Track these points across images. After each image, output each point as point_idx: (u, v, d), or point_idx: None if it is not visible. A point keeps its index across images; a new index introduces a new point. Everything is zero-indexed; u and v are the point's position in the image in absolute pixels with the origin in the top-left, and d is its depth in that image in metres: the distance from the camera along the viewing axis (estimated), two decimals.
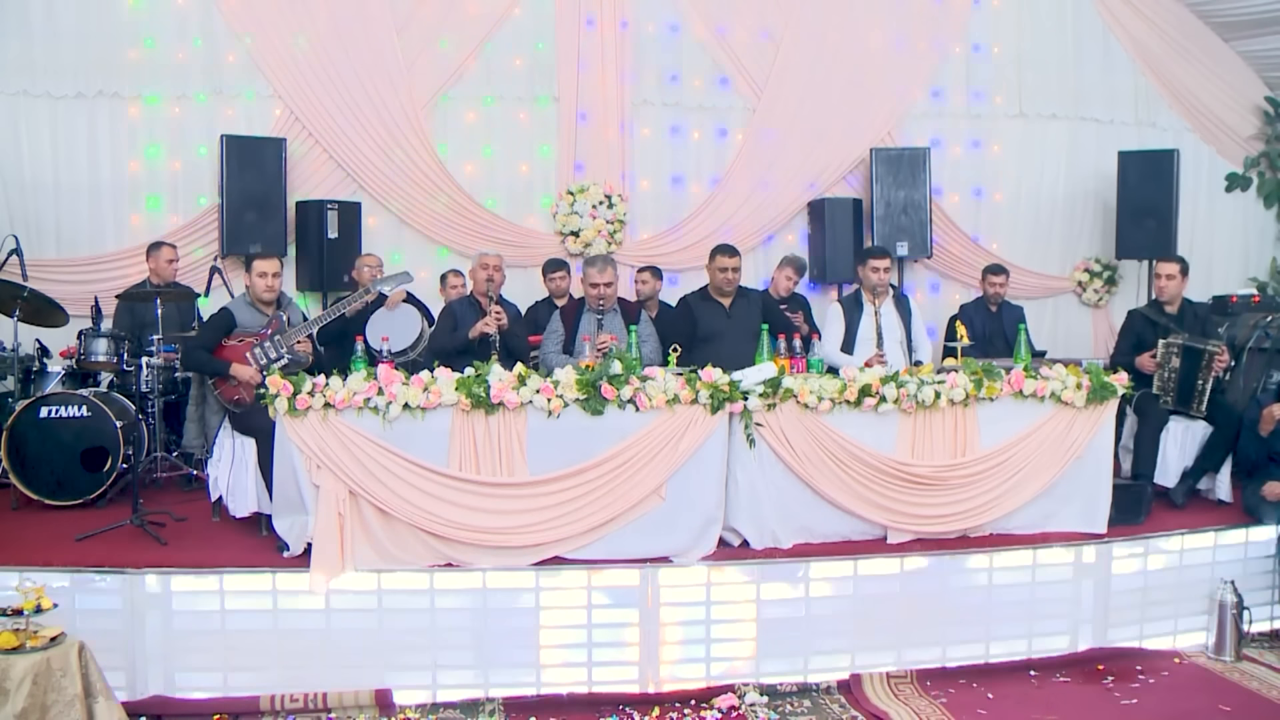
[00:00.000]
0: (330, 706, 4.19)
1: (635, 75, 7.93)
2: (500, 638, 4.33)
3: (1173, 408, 5.57)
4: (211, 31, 7.35)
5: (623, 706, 4.26)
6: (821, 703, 4.37)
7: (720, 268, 5.84)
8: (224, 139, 7.10)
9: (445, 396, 4.27)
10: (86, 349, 5.91)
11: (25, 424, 5.37)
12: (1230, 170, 8.81)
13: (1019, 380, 4.80)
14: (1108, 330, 8.33)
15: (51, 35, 7.11)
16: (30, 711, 3.44)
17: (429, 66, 7.62)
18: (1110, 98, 8.55)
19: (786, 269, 7.30)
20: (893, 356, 5.62)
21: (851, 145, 8.15)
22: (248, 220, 7.10)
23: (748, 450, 4.58)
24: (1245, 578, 4.96)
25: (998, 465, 4.78)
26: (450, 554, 4.33)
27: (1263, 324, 6.76)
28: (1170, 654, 4.85)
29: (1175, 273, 5.78)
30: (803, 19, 8.06)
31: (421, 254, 7.66)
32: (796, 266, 7.38)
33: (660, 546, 4.47)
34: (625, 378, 4.40)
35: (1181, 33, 8.58)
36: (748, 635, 4.47)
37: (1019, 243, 8.47)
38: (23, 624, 3.62)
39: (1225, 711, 4.25)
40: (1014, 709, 4.27)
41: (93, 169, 7.24)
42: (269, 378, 4.28)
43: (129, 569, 4.23)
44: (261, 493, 4.79)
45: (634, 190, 7.99)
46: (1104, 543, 4.83)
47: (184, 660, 4.20)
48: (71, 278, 7.03)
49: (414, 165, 7.58)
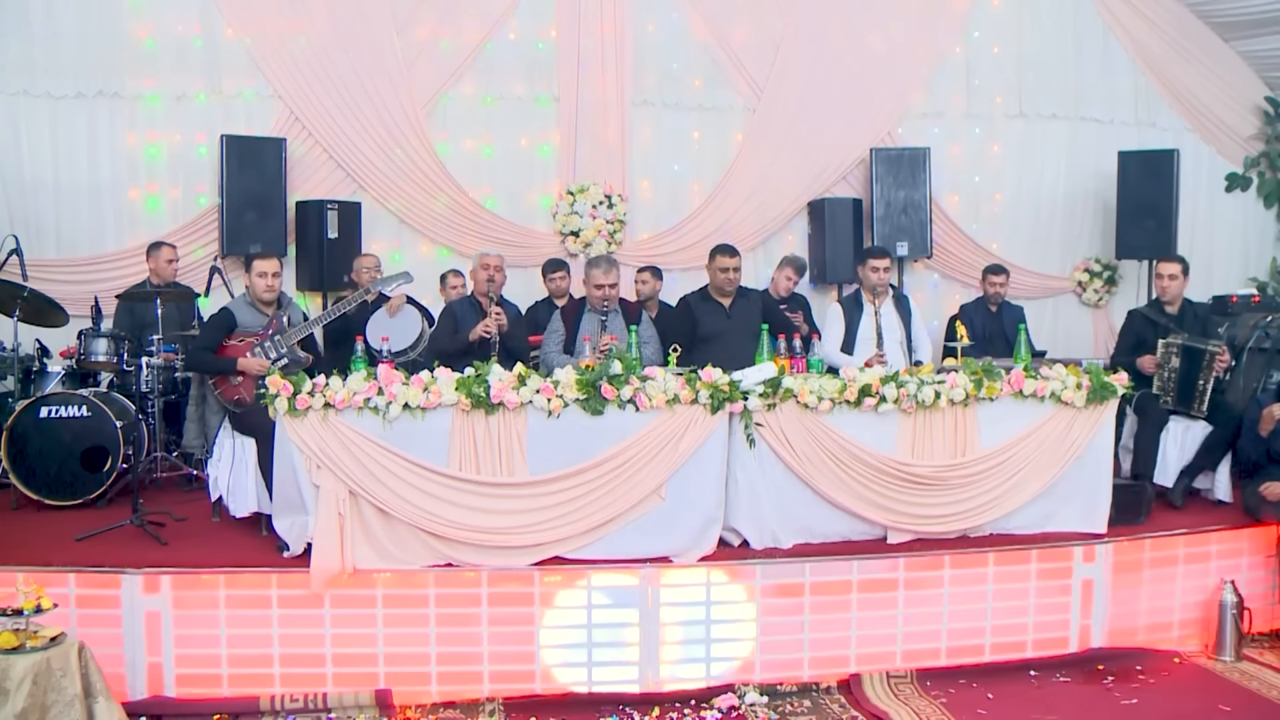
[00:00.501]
0: (330, 706, 4.19)
1: (635, 75, 7.92)
2: (500, 638, 4.32)
3: (1173, 408, 5.57)
4: (211, 32, 7.36)
5: (623, 706, 4.26)
6: (821, 703, 4.37)
7: (720, 267, 5.84)
8: (224, 139, 7.10)
9: (445, 396, 4.27)
10: (86, 349, 5.91)
11: (25, 424, 5.37)
12: (1230, 170, 8.82)
13: (1019, 380, 4.80)
14: (1108, 330, 8.34)
15: (51, 35, 7.11)
16: (30, 711, 3.44)
17: (429, 66, 7.63)
18: (1110, 98, 8.55)
19: (786, 269, 7.30)
20: (892, 357, 5.62)
21: (851, 145, 8.15)
22: (248, 220, 7.11)
23: (748, 450, 4.57)
24: (1245, 578, 4.95)
25: (998, 465, 4.78)
26: (450, 554, 4.32)
27: (1263, 324, 6.76)
28: (1170, 654, 4.84)
29: (1177, 272, 5.78)
30: (803, 19, 8.06)
31: (421, 254, 7.66)
32: (796, 266, 7.38)
33: (660, 546, 4.47)
34: (625, 378, 4.40)
35: (1181, 33, 8.58)
36: (748, 635, 4.47)
37: (1019, 243, 8.47)
38: (23, 624, 3.62)
39: (1225, 711, 4.24)
40: (1014, 709, 4.26)
41: (93, 169, 7.24)
42: (269, 378, 4.29)
43: (129, 569, 4.23)
44: (261, 493, 4.79)
45: (634, 190, 7.99)
46: (1104, 543, 4.83)
47: (184, 660, 4.19)
48: (71, 278, 7.03)
49: (414, 165, 7.59)
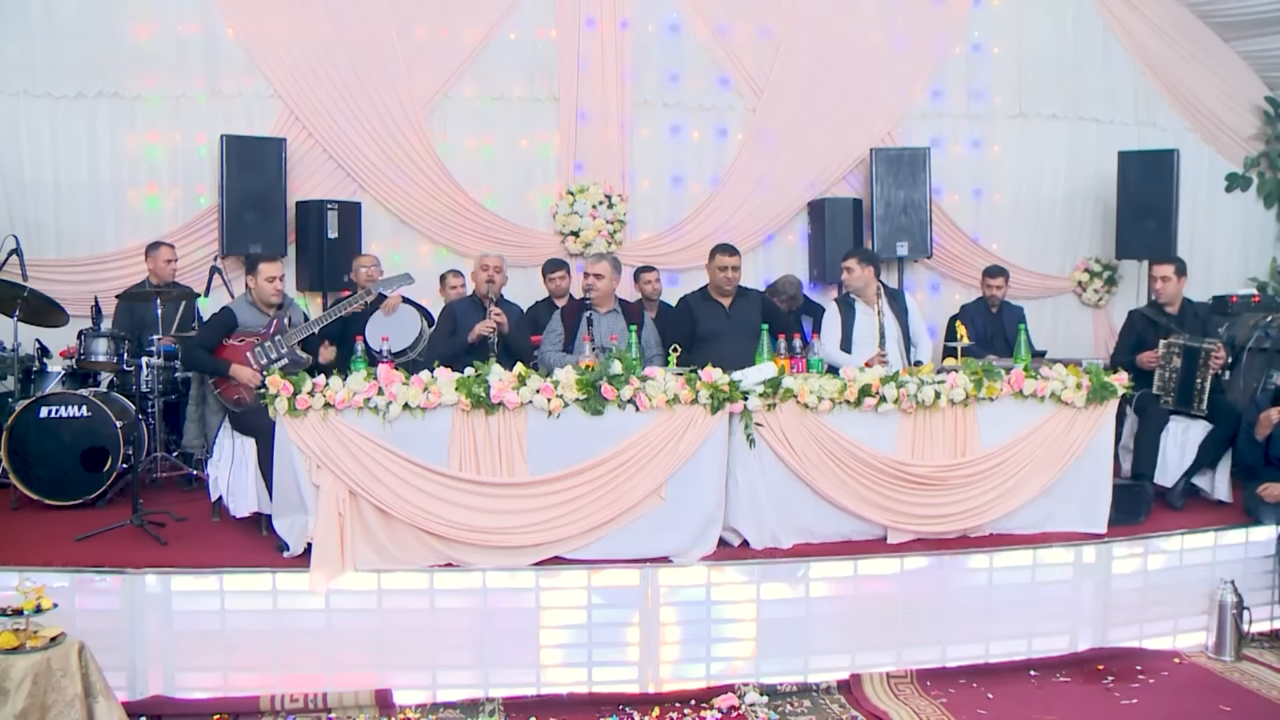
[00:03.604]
0: (330, 706, 4.19)
1: (635, 75, 7.93)
2: (500, 638, 4.33)
3: (1173, 407, 5.57)
4: (211, 32, 7.35)
5: (623, 706, 4.26)
6: (821, 703, 4.37)
7: (720, 266, 5.84)
8: (224, 139, 7.10)
9: (445, 396, 4.27)
10: (86, 349, 5.91)
11: (25, 424, 5.37)
12: (1230, 170, 8.81)
13: (1019, 380, 4.80)
14: (1108, 330, 8.34)
15: (51, 35, 7.11)
16: (30, 711, 3.44)
17: (429, 66, 7.62)
18: (1110, 98, 8.55)
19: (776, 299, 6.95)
20: (890, 355, 5.62)
21: (851, 145, 8.15)
22: (248, 220, 7.11)
23: (748, 450, 4.58)
24: (1245, 578, 4.95)
25: (998, 465, 4.78)
26: (450, 554, 4.32)
27: (1263, 324, 6.76)
28: (1170, 654, 4.85)
29: (1170, 274, 5.77)
30: (803, 19, 8.06)
31: (421, 254, 7.66)
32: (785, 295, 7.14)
33: (660, 546, 4.47)
34: (625, 378, 4.40)
35: (1181, 33, 8.58)
36: (748, 635, 4.47)
37: (1019, 243, 8.47)
38: (23, 624, 3.62)
39: (1225, 711, 4.24)
40: (1014, 709, 4.27)
41: (93, 169, 7.24)
42: (269, 378, 4.29)
43: (129, 569, 4.23)
44: (261, 493, 4.79)
45: (634, 190, 7.99)
46: (1104, 543, 4.83)
47: (184, 660, 4.19)
48: (71, 278, 7.03)
49: (414, 165, 7.58)
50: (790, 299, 7.27)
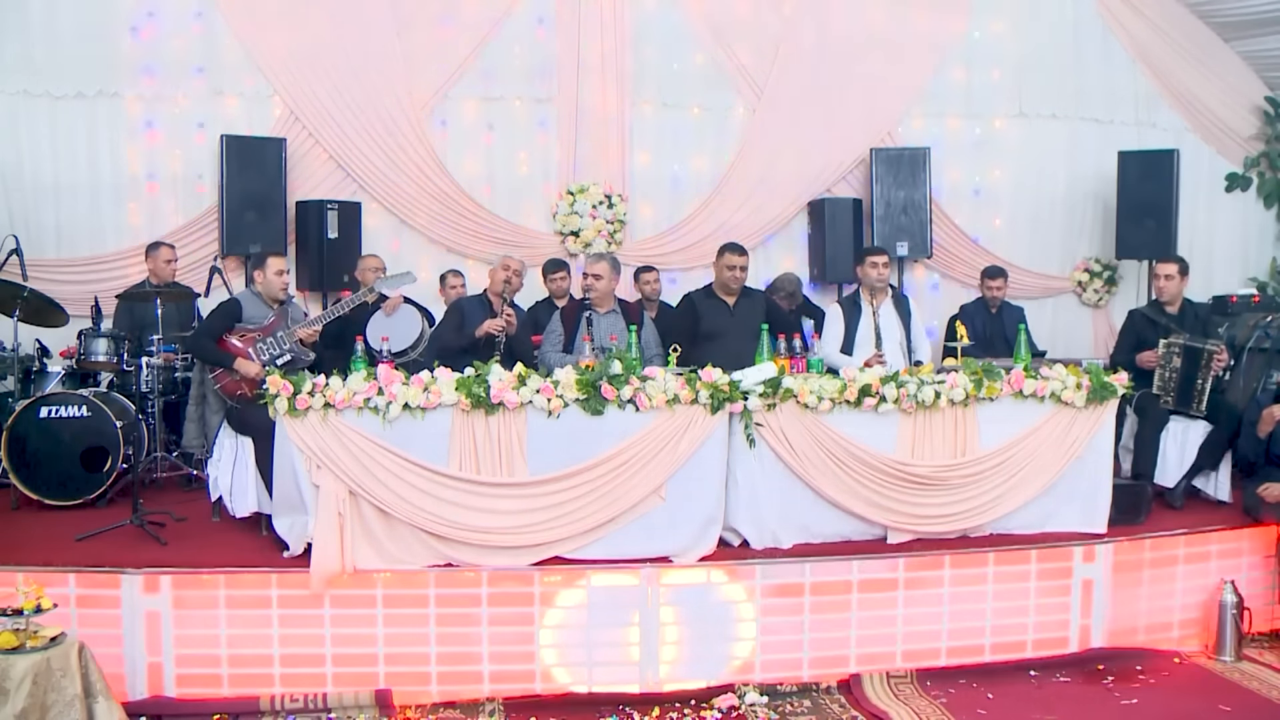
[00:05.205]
0: (330, 706, 4.19)
1: (635, 75, 7.92)
2: (500, 638, 4.32)
3: (1173, 408, 5.57)
4: (211, 32, 7.35)
5: (623, 706, 4.26)
6: (821, 703, 4.37)
7: (728, 265, 5.85)
8: (224, 139, 7.10)
9: (445, 396, 4.27)
10: (86, 349, 5.91)
11: (25, 424, 5.37)
12: (1230, 170, 8.81)
13: (1019, 380, 4.80)
14: (1108, 330, 8.33)
15: (51, 35, 7.11)
16: (30, 711, 3.44)
17: (429, 66, 7.62)
18: (1110, 98, 8.55)
19: (775, 296, 6.99)
20: (892, 357, 5.62)
21: (851, 145, 8.15)
22: (248, 220, 7.11)
23: (748, 450, 4.58)
24: (1245, 578, 4.95)
25: (998, 465, 4.78)
26: (450, 554, 4.32)
27: (1263, 324, 6.76)
28: (1170, 654, 4.85)
29: (1174, 273, 5.78)
30: (803, 19, 8.06)
31: (421, 254, 7.66)
32: (785, 293, 7.18)
33: (660, 546, 4.47)
34: (625, 378, 4.40)
35: (1181, 33, 8.58)
36: (748, 635, 4.47)
37: (1019, 243, 8.47)
38: (23, 624, 3.62)
39: (1225, 711, 4.24)
40: (1014, 709, 4.26)
41: (92, 169, 7.23)
42: (269, 377, 4.29)
43: (129, 569, 4.23)
44: (261, 493, 4.79)
45: (634, 190, 7.99)
46: (1104, 543, 4.83)
47: (184, 660, 4.19)
48: (71, 278, 7.03)
49: (414, 165, 7.58)
50: (789, 296, 7.28)
